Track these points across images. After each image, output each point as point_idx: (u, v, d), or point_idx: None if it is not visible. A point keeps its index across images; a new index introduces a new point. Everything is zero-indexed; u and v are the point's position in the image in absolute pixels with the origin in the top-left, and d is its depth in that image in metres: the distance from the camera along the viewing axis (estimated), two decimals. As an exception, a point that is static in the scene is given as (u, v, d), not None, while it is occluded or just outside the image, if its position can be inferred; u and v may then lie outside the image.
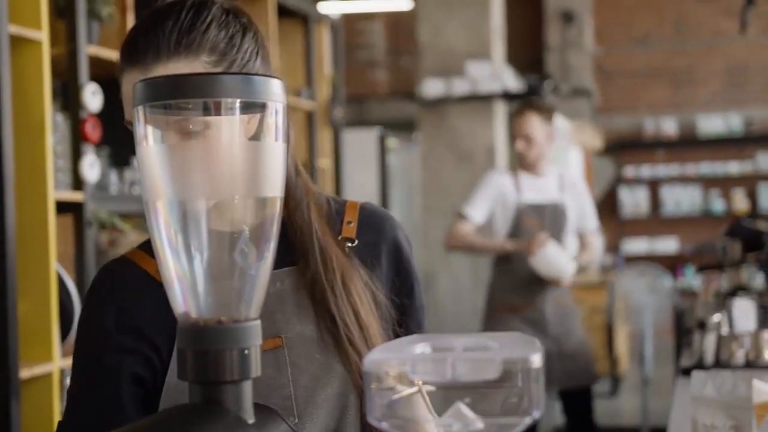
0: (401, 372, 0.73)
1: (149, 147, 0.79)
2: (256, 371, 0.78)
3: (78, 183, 2.97)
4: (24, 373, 2.64)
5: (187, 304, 0.79)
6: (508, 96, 6.43)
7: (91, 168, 2.99)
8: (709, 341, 2.68)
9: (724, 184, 10.27)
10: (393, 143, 7.69)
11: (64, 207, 2.92)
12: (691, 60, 10.35)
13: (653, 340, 5.91)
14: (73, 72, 2.96)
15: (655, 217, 10.44)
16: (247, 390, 0.79)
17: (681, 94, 10.42)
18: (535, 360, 0.71)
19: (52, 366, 2.72)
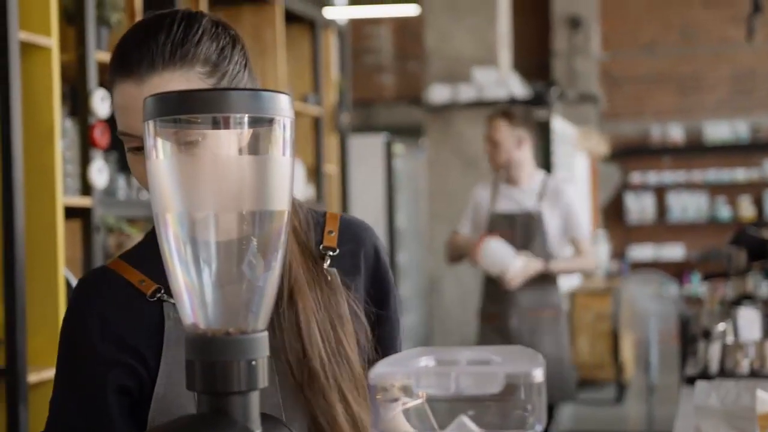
0: (406, 384, 0.74)
1: (159, 160, 0.81)
2: (263, 382, 0.80)
3: (86, 188, 2.99)
4: (32, 378, 2.65)
5: (196, 315, 0.80)
6: (514, 102, 6.43)
7: (100, 173, 3.01)
8: (714, 350, 2.68)
9: (730, 191, 10.26)
10: (399, 149, 7.69)
11: (72, 212, 2.94)
12: (698, 66, 10.35)
13: (659, 347, 5.90)
14: (82, 78, 2.98)
15: (662, 224, 10.43)
16: (255, 400, 0.80)
17: (688, 100, 10.42)
18: (538, 374, 0.72)
19: (59, 370, 2.73)
